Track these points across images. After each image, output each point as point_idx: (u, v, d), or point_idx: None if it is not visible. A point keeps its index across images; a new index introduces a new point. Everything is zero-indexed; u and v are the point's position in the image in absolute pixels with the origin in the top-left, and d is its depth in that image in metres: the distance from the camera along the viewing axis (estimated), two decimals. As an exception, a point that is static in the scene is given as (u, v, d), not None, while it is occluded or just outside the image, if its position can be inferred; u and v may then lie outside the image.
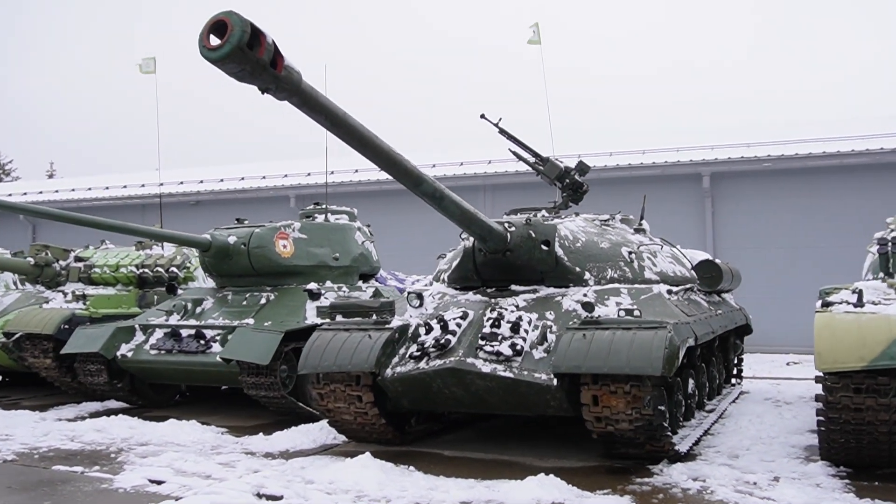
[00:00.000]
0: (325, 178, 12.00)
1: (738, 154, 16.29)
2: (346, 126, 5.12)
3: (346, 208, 11.21)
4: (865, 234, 15.24)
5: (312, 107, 4.85)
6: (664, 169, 16.96)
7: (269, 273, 9.77)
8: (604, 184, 17.80)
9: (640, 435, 6.08)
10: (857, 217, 15.33)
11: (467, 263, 7.51)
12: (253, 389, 8.35)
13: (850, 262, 15.04)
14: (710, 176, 16.45)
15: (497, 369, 6.21)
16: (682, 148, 17.30)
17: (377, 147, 5.42)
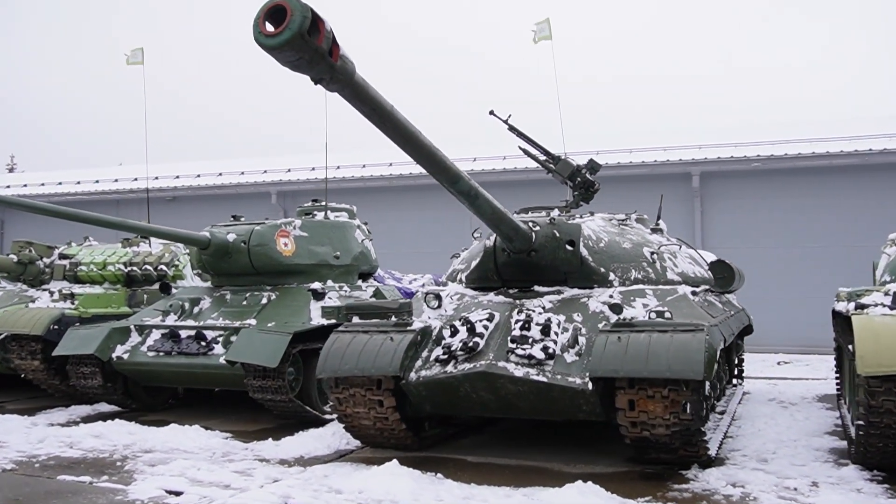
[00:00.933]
0: (325, 175, 11.75)
1: (728, 154, 16.31)
2: (392, 120, 4.91)
3: (345, 205, 10.93)
4: (855, 234, 15.41)
5: (363, 99, 4.62)
6: (653, 168, 16.92)
7: (269, 272, 9.47)
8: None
9: (676, 440, 5.93)
10: (846, 217, 15.47)
11: (488, 263, 7.31)
12: (259, 393, 8.05)
13: (840, 261, 15.19)
14: (699, 175, 16.45)
15: (530, 373, 6.02)
16: (671, 147, 17.28)
17: (420, 143, 5.23)
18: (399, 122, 4.98)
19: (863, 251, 15.02)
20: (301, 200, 20.39)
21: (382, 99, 4.78)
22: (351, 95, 4.57)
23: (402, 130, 5.05)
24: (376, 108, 4.75)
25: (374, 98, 4.71)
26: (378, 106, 4.76)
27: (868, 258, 14.96)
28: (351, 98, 4.59)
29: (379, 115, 4.82)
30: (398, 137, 5.08)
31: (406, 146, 5.21)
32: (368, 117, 4.81)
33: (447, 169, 5.63)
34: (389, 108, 4.85)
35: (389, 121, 4.91)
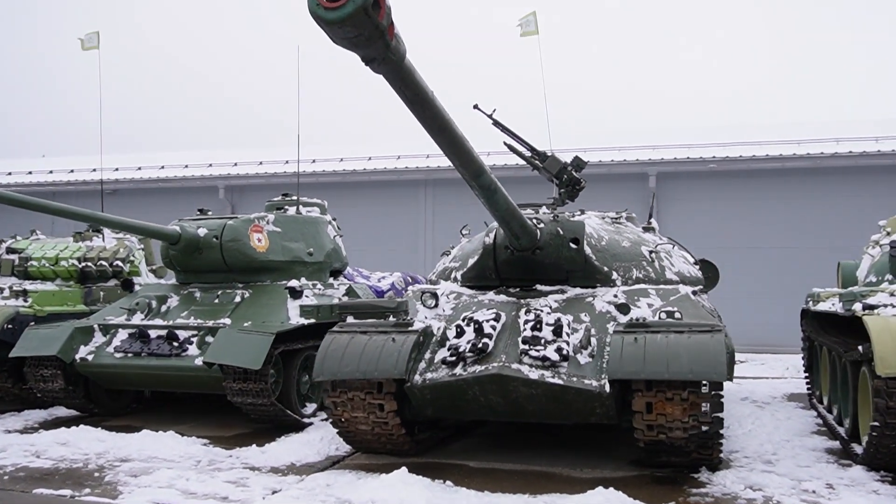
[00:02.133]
0: (297, 168, 11.22)
1: (684, 155, 16.48)
2: (433, 109, 4.66)
3: (317, 200, 10.54)
4: (806, 235, 15.77)
5: (409, 83, 4.35)
6: (610, 168, 16.98)
7: (242, 269, 9.02)
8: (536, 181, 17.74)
9: (692, 443, 5.82)
10: (801, 219, 15.81)
11: (487, 261, 7.08)
12: (238, 396, 7.63)
13: (792, 263, 15.52)
14: (655, 175, 16.58)
15: (545, 375, 5.81)
16: (627, 147, 17.38)
17: (454, 134, 5.00)
18: (438, 110, 4.73)
19: (814, 252, 15.42)
20: (250, 195, 19.85)
21: (426, 85, 4.51)
22: (398, 78, 4.29)
23: (439, 120, 4.80)
24: (419, 94, 4.48)
25: (419, 83, 4.44)
26: (422, 92, 4.50)
27: (820, 259, 15.36)
28: (397, 81, 4.31)
29: (421, 101, 4.55)
30: (434, 127, 4.83)
31: (441, 136, 4.96)
32: (410, 102, 4.54)
33: (473, 161, 5.38)
34: (431, 96, 4.59)
35: (430, 108, 4.65)
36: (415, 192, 18.61)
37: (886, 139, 15.84)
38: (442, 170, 18.10)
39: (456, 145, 5.12)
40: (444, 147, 5.10)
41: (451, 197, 18.40)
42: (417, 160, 18.75)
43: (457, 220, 18.48)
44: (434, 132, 4.89)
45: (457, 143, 5.10)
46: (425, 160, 18.88)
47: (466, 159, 5.31)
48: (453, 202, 18.33)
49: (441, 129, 4.88)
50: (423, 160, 18.87)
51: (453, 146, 5.11)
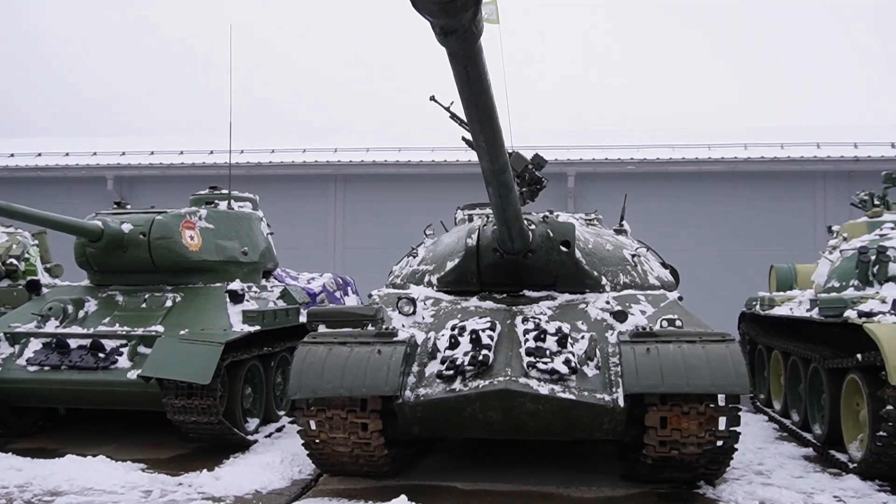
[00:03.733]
0: (229, 159, 10.22)
1: (602, 156, 16.49)
2: (488, 92, 4.12)
3: (249, 195, 9.65)
4: (722, 239, 16.09)
5: (476, 62, 3.86)
6: (528, 167, 16.75)
7: (171, 269, 8.07)
8: (468, 179, 17.34)
9: (703, 459, 5.51)
10: (717, 222, 16.10)
11: (469, 265, 6.55)
12: (181, 414, 6.76)
13: (707, 265, 15.78)
14: (574, 176, 16.49)
15: (555, 390, 5.34)
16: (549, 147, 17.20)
17: (497, 124, 4.47)
18: (490, 97, 4.18)
19: (731, 255, 15.77)
20: (141, 188, 18.36)
21: (486, 69, 3.96)
22: (470, 55, 3.79)
23: (490, 106, 4.27)
24: (482, 75, 3.96)
25: (484, 64, 3.89)
26: (484, 74, 3.97)
27: (736, 263, 15.77)
28: (468, 58, 3.80)
29: (479, 84, 4.01)
30: (485, 113, 4.34)
31: (487, 124, 4.49)
32: (470, 84, 4.02)
33: (501, 156, 4.87)
34: (489, 81, 4.05)
35: (487, 92, 4.11)
36: (323, 188, 17.77)
37: (792, 146, 16.40)
38: (354, 164, 17.36)
39: (496, 136, 4.62)
40: (486, 136, 4.58)
41: (362, 193, 17.69)
42: (326, 154, 17.92)
43: (369, 217, 17.88)
44: (482, 119, 4.38)
45: (497, 134, 4.61)
46: (333, 154, 18.08)
47: (500, 152, 4.81)
48: (365, 198, 17.64)
49: (489, 116, 4.36)
50: (332, 154, 18.07)
51: (494, 136, 4.61)
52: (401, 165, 17.20)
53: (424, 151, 17.71)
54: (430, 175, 17.31)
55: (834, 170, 15.96)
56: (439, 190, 17.25)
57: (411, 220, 17.49)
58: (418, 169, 17.27)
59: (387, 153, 17.68)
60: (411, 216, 17.46)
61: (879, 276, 7.22)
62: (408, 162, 17.18)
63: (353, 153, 17.76)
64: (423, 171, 17.26)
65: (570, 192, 16.55)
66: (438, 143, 17.96)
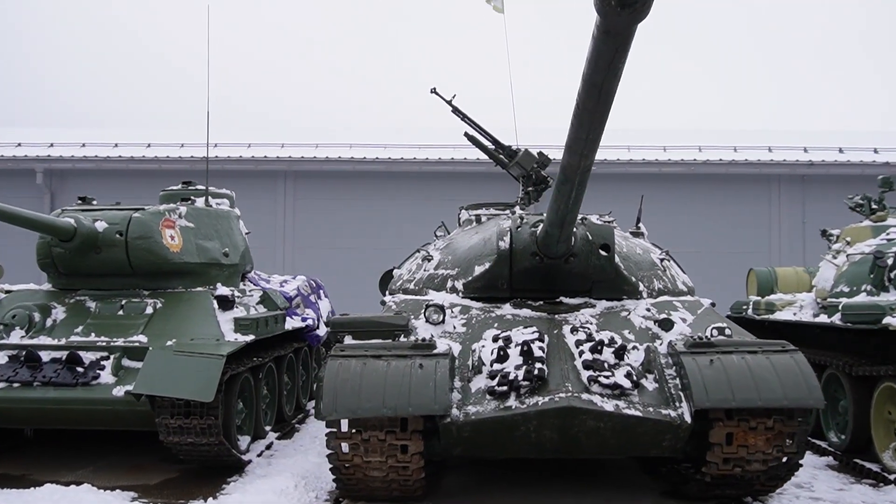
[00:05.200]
0: (206, 153, 9.42)
1: (562, 156, 16.27)
2: (618, 80, 3.69)
3: (226, 191, 8.92)
4: (680, 241, 16.04)
5: (627, 45, 3.43)
6: (489, 167, 16.42)
7: (150, 272, 7.31)
8: (425, 178, 16.87)
9: (766, 475, 5.22)
10: (675, 223, 16.08)
11: (501, 270, 6.08)
12: (177, 435, 6.05)
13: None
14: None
15: (620, 406, 4.95)
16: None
17: (606, 117, 4.03)
18: (614, 88, 3.77)
19: (687, 257, 15.77)
20: (73, 182, 17.09)
21: None
22: (630, 33, 3.42)
23: (612, 97, 3.85)
24: (624, 60, 3.51)
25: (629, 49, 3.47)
26: (625, 59, 3.52)
27: (693, 265, 15.75)
28: (625, 37, 3.43)
29: (617, 70, 3.58)
30: (606, 103, 3.91)
31: (603, 115, 4.06)
32: (610, 68, 3.63)
33: (594, 151, 4.44)
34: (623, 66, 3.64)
35: (617, 80, 3.68)
36: (272, 185, 16.96)
37: (745, 149, 16.58)
38: (306, 160, 16.63)
39: (602, 127, 4.18)
40: (595, 128, 4.16)
41: (314, 191, 16.98)
42: (274, 149, 17.12)
43: (321, 215, 17.15)
44: (602, 109, 3.98)
45: (603, 126, 4.16)
46: (281, 149, 17.29)
47: (593, 146, 4.39)
48: (317, 196, 16.93)
49: (608, 107, 3.93)
50: (279, 149, 17.28)
51: (601, 129, 4.18)
52: (355, 162, 16.58)
53: (378, 148, 17.13)
54: (385, 173, 16.75)
55: (789, 173, 16.20)
56: (396, 189, 16.74)
57: (367, 219, 16.96)
58: (373, 166, 16.68)
59: (339, 149, 17.03)
60: (367, 215, 16.90)
61: (897, 281, 7.12)
62: (363, 159, 16.57)
63: (302, 148, 17.03)
64: (379, 168, 16.69)
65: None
66: (392, 139, 17.45)
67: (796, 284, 10.85)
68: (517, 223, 6.11)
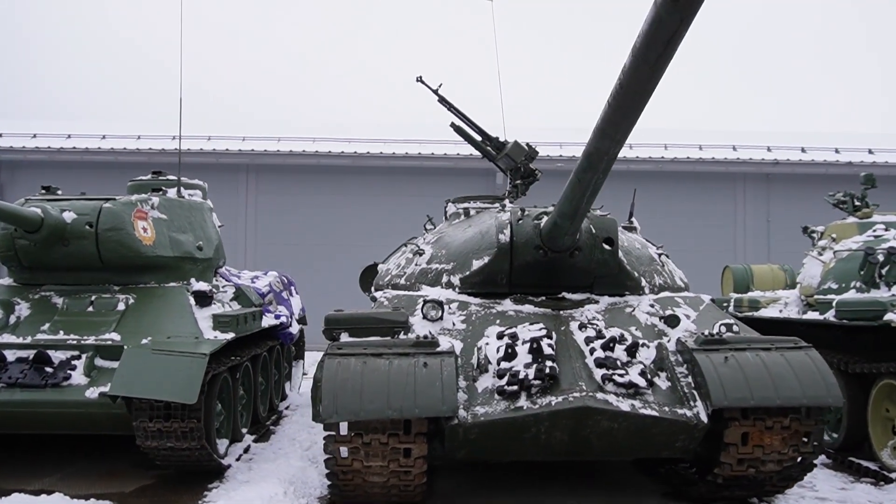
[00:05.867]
0: (179, 144, 8.97)
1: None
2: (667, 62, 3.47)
3: (198, 181, 8.50)
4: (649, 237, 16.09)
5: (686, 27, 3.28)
6: (457, 161, 16.22)
7: (121, 266, 6.89)
8: (392, 172, 16.56)
9: (779, 476, 5.08)
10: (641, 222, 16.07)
11: (501, 264, 5.83)
12: (156, 440, 5.67)
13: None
14: (502, 172, 16.09)
15: (636, 406, 4.74)
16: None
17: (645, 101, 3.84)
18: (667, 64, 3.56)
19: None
20: (24, 174, 16.32)
21: None
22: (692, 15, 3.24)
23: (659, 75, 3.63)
24: (684, 33, 3.30)
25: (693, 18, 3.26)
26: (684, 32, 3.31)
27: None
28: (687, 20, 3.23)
29: (674, 43, 3.35)
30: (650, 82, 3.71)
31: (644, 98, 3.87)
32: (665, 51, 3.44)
33: (628, 134, 4.22)
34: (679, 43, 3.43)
35: (670, 56, 3.44)
36: (234, 179, 16.47)
37: (709, 147, 16.68)
38: (269, 154, 16.18)
39: (640, 111, 3.96)
40: (635, 110, 3.97)
41: (277, 185, 16.54)
42: (236, 142, 16.63)
43: (285, 210, 16.69)
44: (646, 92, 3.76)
45: (641, 110, 3.95)
46: (242, 142, 16.81)
47: (629, 132, 4.18)
48: (280, 190, 16.49)
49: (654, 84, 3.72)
50: (241, 142, 16.80)
51: (639, 112, 3.96)
52: (320, 156, 16.19)
53: (342, 143, 16.77)
54: (351, 167, 16.39)
55: (754, 172, 16.32)
56: (363, 184, 16.41)
57: (332, 215, 16.57)
58: (338, 161, 16.31)
59: (303, 143, 16.62)
60: (332, 211, 16.52)
61: (889, 278, 7.07)
62: (328, 153, 16.19)
63: (265, 142, 16.57)
64: (344, 162, 16.33)
65: (501, 187, 16.10)
66: (358, 134, 17.11)
67: (772, 282, 10.85)
68: (517, 215, 5.87)
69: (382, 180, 16.48)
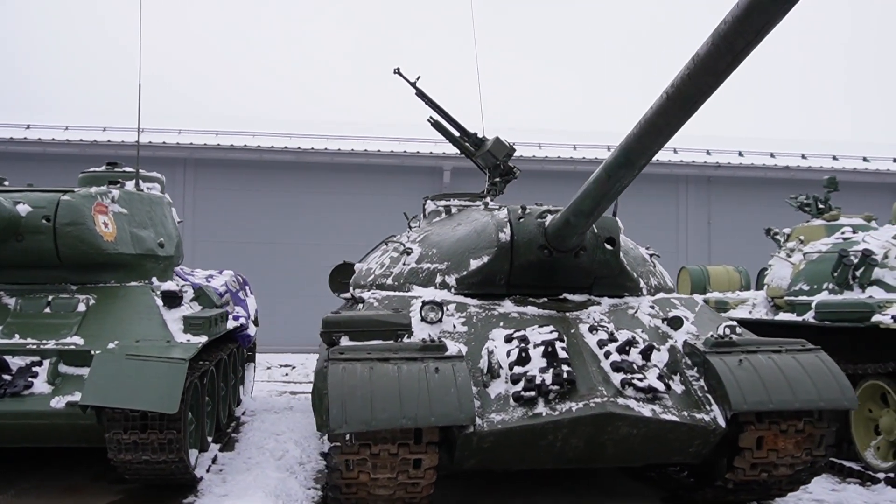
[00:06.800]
0: (138, 136, 8.39)
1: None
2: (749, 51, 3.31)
3: (156, 174, 7.99)
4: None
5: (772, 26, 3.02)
6: (402, 159, 15.94)
7: (80, 264, 6.37)
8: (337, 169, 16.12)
9: (788, 480, 5.02)
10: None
11: (501, 264, 5.60)
12: (130, 452, 5.22)
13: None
14: (451, 171, 15.88)
15: (656, 411, 4.60)
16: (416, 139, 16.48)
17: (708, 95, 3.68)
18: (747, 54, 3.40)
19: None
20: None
21: None
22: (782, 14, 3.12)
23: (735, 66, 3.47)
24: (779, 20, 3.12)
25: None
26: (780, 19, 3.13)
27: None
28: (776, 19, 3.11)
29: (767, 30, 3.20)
30: (724, 73, 3.55)
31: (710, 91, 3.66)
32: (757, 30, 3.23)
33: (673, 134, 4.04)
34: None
35: (755, 44, 3.27)
36: (171, 173, 15.72)
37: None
38: (208, 148, 15.53)
39: (698, 106, 3.78)
40: (695, 103, 3.76)
41: (215, 180, 15.91)
42: (171, 135, 15.92)
43: (226, 207, 16.04)
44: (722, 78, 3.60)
45: (699, 105, 3.77)
46: (177, 136, 16.11)
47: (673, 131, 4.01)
48: (220, 186, 15.87)
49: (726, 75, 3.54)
50: (176, 135, 16.10)
51: (697, 106, 3.77)
52: (262, 151, 15.65)
53: (284, 138, 16.27)
54: (295, 163, 15.90)
55: (697, 174, 16.59)
56: (309, 180, 15.94)
57: (275, 212, 16.01)
58: (281, 156, 15.80)
59: (243, 137, 16.04)
60: (276, 208, 15.98)
61: (864, 280, 7.17)
62: (271, 148, 15.66)
63: (204, 135, 15.92)
64: (287, 158, 15.82)
65: (447, 186, 15.92)
66: (298, 130, 16.64)
67: (728, 283, 11.01)
68: (518, 213, 5.65)
69: (328, 177, 16.06)
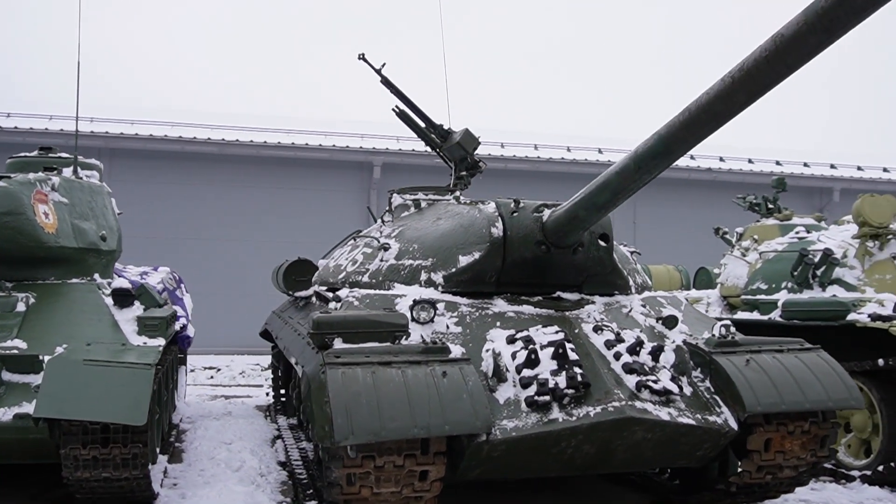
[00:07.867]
0: (76, 123, 7.63)
1: (409, 147, 15.70)
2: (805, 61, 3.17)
3: (94, 161, 7.31)
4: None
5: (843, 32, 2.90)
6: (332, 153, 15.44)
7: (17, 259, 5.73)
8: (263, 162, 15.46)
9: (789, 482, 4.96)
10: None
11: (493, 261, 5.30)
12: (89, 469, 4.67)
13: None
14: (381, 166, 15.50)
15: (673, 414, 4.42)
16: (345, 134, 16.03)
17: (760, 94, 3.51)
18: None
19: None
20: None
21: None
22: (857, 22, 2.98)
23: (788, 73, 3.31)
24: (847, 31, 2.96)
25: None
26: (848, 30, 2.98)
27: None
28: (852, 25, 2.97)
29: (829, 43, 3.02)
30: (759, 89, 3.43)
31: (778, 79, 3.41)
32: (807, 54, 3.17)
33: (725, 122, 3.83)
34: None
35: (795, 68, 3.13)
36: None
37: (580, 150, 17.01)
38: (125, 138, 14.62)
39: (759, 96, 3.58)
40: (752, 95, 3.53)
41: (133, 172, 14.99)
42: (84, 123, 14.88)
43: (142, 200, 15.09)
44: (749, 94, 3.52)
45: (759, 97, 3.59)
46: (102, 124, 15.12)
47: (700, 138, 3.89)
48: (135, 178, 14.95)
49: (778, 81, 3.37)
50: (100, 124, 15.10)
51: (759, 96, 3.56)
52: (184, 142, 14.84)
53: (206, 129, 15.50)
54: (218, 155, 15.15)
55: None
56: (232, 174, 15.23)
57: (196, 206, 15.21)
58: (203, 147, 15.03)
59: (162, 127, 15.19)
60: (196, 202, 15.19)
61: (824, 279, 7.28)
62: (193, 139, 14.87)
63: (120, 125, 14.99)
64: (210, 150, 15.07)
65: (376, 182, 15.54)
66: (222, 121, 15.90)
67: (668, 282, 11.09)
68: (510, 207, 5.37)
69: (254, 172, 15.40)
